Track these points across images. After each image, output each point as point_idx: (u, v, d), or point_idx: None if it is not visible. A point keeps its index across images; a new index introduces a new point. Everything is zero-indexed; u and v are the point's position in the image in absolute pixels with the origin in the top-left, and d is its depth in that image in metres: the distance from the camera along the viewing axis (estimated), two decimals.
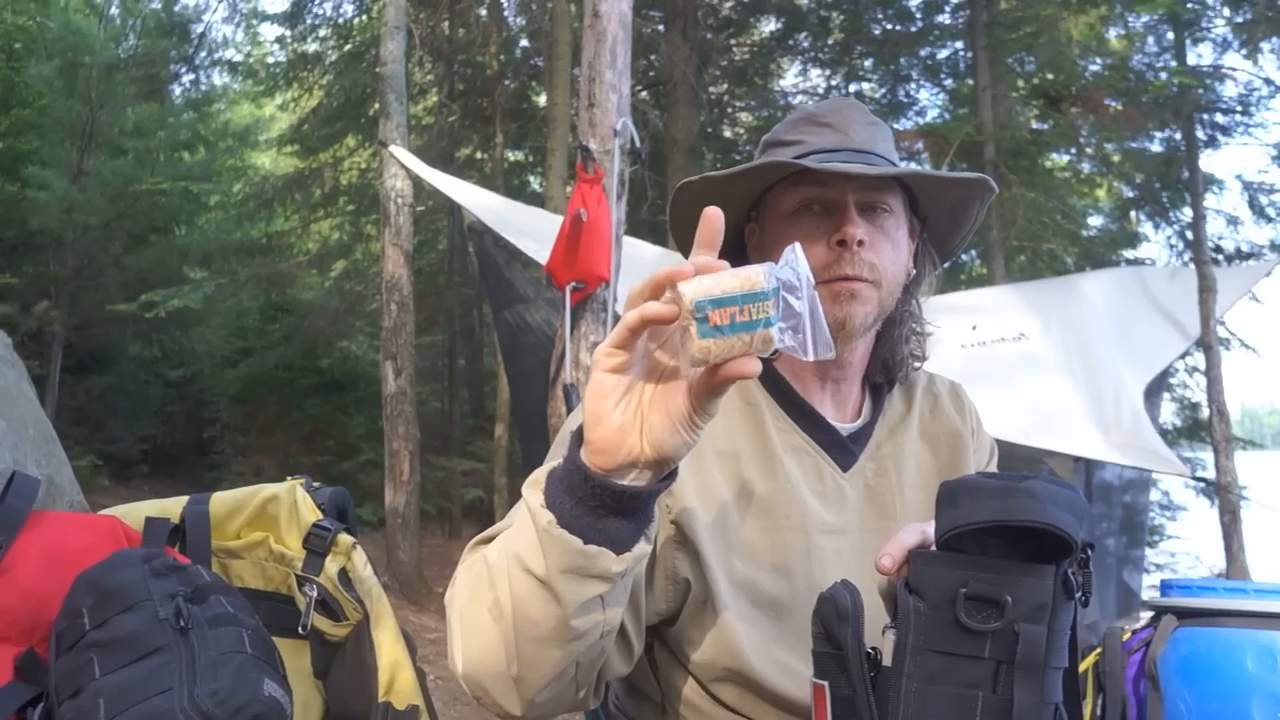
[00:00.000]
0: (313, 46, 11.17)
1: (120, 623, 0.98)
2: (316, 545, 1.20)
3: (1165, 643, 1.27)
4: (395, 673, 1.19)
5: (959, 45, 9.79)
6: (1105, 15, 8.53)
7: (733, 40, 10.86)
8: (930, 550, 0.81)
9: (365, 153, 11.04)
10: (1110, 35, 9.26)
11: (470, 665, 0.85)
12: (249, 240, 10.86)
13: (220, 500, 1.24)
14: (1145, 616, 1.39)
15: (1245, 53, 7.74)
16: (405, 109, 6.98)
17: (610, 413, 0.74)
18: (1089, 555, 0.78)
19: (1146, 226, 9.57)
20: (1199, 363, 7.51)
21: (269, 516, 1.23)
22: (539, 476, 0.83)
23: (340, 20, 11.06)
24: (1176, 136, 8.06)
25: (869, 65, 10.71)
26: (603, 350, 0.73)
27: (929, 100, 10.69)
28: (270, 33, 12.80)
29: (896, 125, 9.75)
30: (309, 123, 10.98)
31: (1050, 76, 8.68)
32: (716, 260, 0.71)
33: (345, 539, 1.21)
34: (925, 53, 10.06)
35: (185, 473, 10.96)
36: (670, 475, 0.78)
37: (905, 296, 1.14)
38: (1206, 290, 5.93)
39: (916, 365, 1.18)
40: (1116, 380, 5.13)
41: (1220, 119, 7.87)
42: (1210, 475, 6.65)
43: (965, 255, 9.40)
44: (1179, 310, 5.84)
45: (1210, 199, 8.23)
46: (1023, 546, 0.77)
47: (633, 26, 4.54)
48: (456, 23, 10.79)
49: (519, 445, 8.06)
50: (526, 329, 5.42)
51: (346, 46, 10.99)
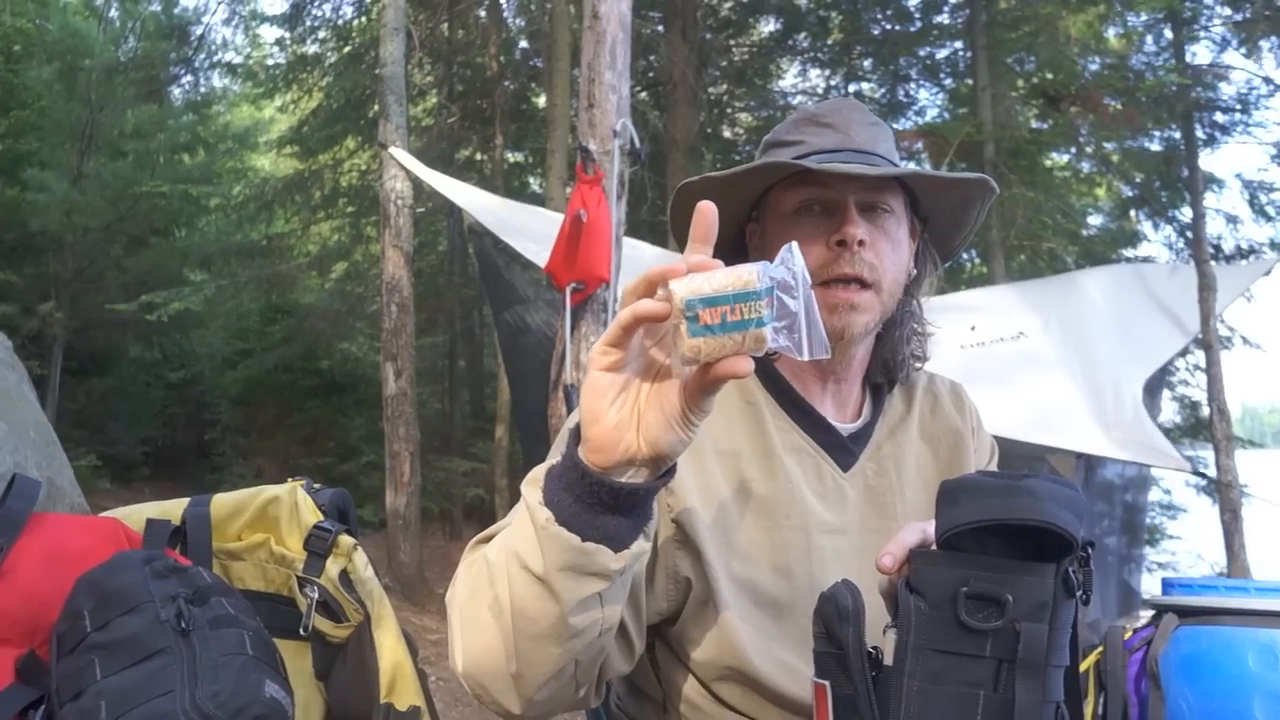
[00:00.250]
0: (312, 48, 11.17)
1: (121, 625, 0.98)
2: (317, 547, 1.20)
3: (1167, 641, 1.27)
4: (397, 674, 1.19)
5: (958, 45, 9.79)
6: (1104, 14, 8.53)
7: (732, 41, 10.86)
8: (931, 549, 0.81)
9: (365, 154, 11.04)
10: (1109, 34, 9.26)
11: (470, 663, 0.85)
12: (249, 242, 10.87)
13: (221, 502, 1.24)
14: (1146, 615, 1.39)
15: (1244, 51, 7.75)
16: (405, 110, 6.99)
17: (606, 411, 0.74)
18: (1089, 553, 0.78)
19: (1146, 226, 9.57)
20: (1199, 361, 7.51)
21: (270, 518, 1.23)
22: (537, 474, 0.83)
23: (339, 22, 11.06)
24: (1176, 135, 8.06)
25: (868, 65, 10.71)
26: (598, 349, 0.74)
27: (928, 100, 10.70)
28: (270, 35, 12.81)
29: (896, 125, 9.75)
30: (309, 124, 10.98)
31: (1049, 76, 8.68)
32: (710, 259, 0.71)
33: (346, 540, 1.21)
34: (924, 52, 10.06)
35: (186, 475, 10.97)
36: (668, 472, 0.78)
37: (906, 297, 1.14)
38: (1206, 289, 5.93)
39: (918, 366, 1.18)
40: (1116, 376, 5.13)
41: (1219, 118, 7.86)
42: (1211, 472, 6.64)
43: (965, 255, 9.40)
44: (1179, 305, 5.83)
45: (1210, 198, 8.24)
46: (1023, 545, 0.77)
47: (632, 27, 4.54)
48: (456, 24, 10.79)
49: (520, 446, 8.06)
50: (527, 330, 5.41)
51: (346, 48, 10.99)
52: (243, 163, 12.41)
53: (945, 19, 9.78)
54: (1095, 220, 10.85)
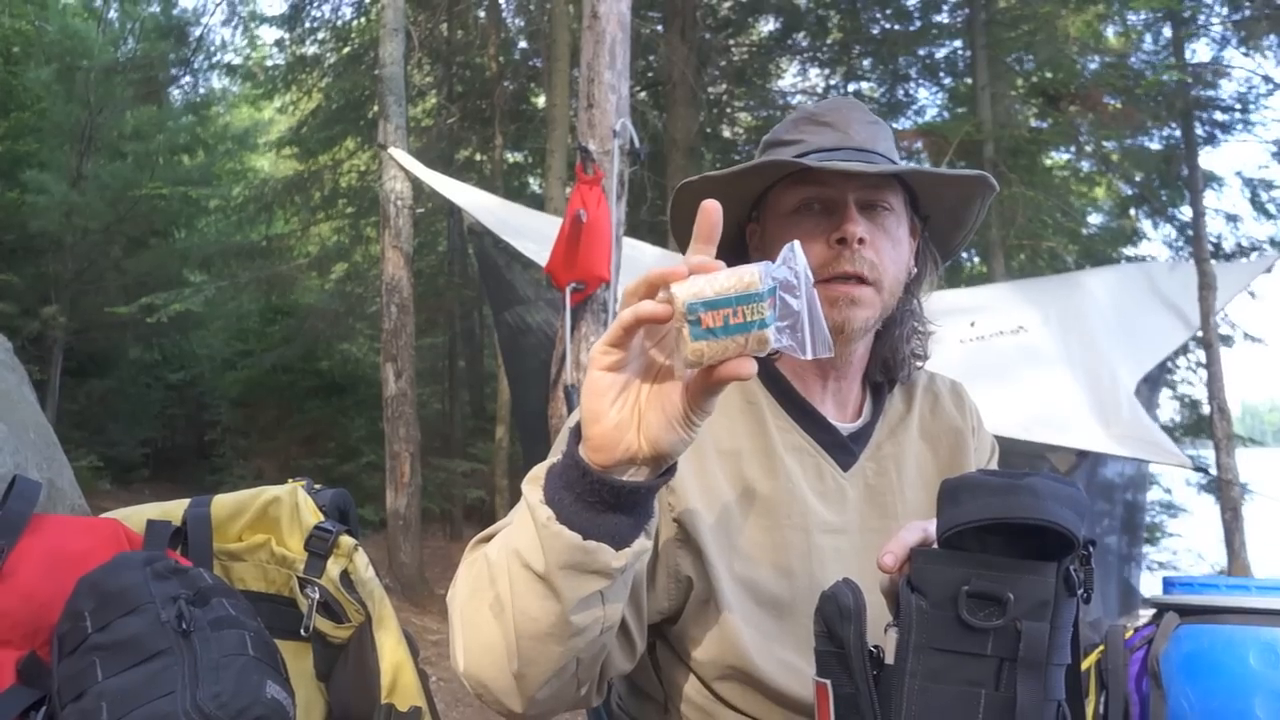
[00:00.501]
0: (311, 49, 11.17)
1: (122, 626, 0.98)
2: (318, 547, 1.20)
3: (1168, 640, 1.28)
4: (398, 674, 1.19)
5: (958, 44, 9.79)
6: (1103, 13, 8.54)
7: (731, 40, 10.86)
8: (932, 548, 0.81)
9: (364, 155, 11.04)
10: (1108, 33, 9.27)
11: (471, 662, 0.85)
12: (249, 243, 10.87)
13: (221, 503, 1.24)
14: (1147, 614, 1.39)
15: (1244, 50, 7.75)
16: (404, 111, 6.98)
17: (607, 410, 0.74)
18: (1090, 552, 0.78)
19: (1146, 224, 9.57)
20: (1199, 359, 7.52)
21: (270, 519, 1.23)
22: (538, 473, 0.83)
23: (339, 23, 11.05)
24: (1176, 134, 8.06)
25: (868, 65, 10.71)
26: (598, 348, 0.73)
27: (928, 99, 10.70)
28: (269, 35, 12.86)
29: (895, 124, 9.75)
30: (308, 125, 10.98)
31: (1049, 75, 8.68)
32: (712, 260, 0.71)
33: (347, 541, 1.21)
34: (924, 52, 10.06)
35: (186, 476, 10.97)
36: (669, 471, 0.78)
37: (906, 295, 1.14)
38: (1206, 288, 5.93)
39: (918, 365, 1.18)
40: (1117, 371, 5.12)
41: (1219, 116, 7.87)
42: (1212, 470, 6.64)
43: (965, 254, 9.39)
44: (1180, 300, 5.84)
45: (1210, 196, 8.24)
46: (1024, 544, 0.77)
47: (631, 27, 4.54)
48: (455, 24, 10.79)
49: (520, 446, 8.06)
50: (527, 330, 5.42)
51: (345, 49, 10.99)
52: (242, 164, 12.40)
53: (944, 18, 9.78)
54: (1095, 219, 10.85)
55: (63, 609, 1.02)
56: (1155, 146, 8.67)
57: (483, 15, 10.53)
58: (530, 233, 5.09)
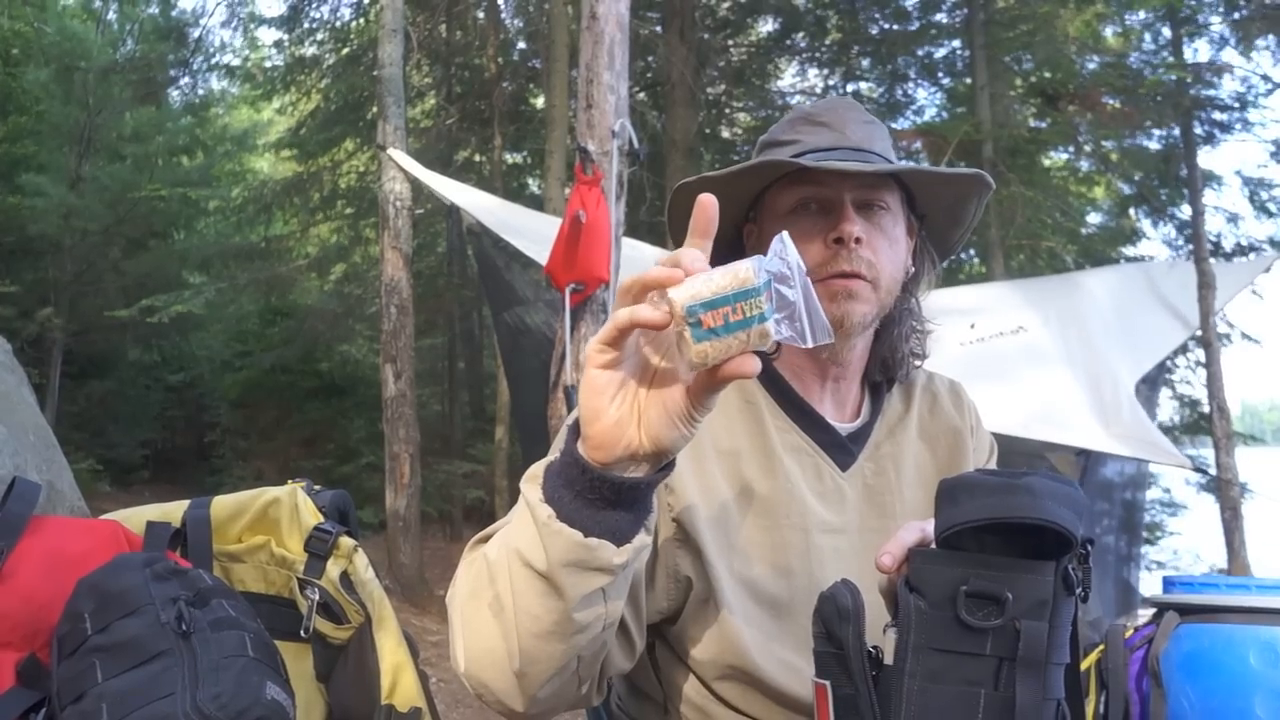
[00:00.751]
0: (310, 50, 11.17)
1: (122, 627, 0.98)
2: (318, 548, 1.20)
3: (1168, 639, 1.28)
4: (398, 675, 1.19)
5: (956, 44, 9.79)
6: (1102, 13, 8.54)
7: (730, 41, 10.86)
8: (930, 548, 0.81)
9: (364, 156, 11.04)
10: (1107, 33, 9.28)
11: (472, 662, 0.85)
12: (248, 244, 10.87)
13: (221, 504, 1.24)
14: (1147, 613, 1.39)
15: (1242, 49, 7.75)
16: (403, 112, 6.98)
17: (606, 408, 0.73)
18: (1089, 551, 0.78)
19: (1145, 224, 9.58)
20: (1199, 358, 7.52)
21: (270, 520, 1.23)
22: (536, 471, 0.83)
23: (338, 24, 11.05)
24: (1175, 133, 8.07)
25: (866, 65, 10.71)
26: (593, 346, 0.73)
27: (927, 99, 10.71)
28: (268, 36, 12.82)
29: (894, 125, 9.75)
30: (307, 126, 10.98)
31: (1048, 75, 8.69)
32: (701, 258, 0.70)
33: (347, 542, 1.21)
34: (923, 52, 10.06)
35: (186, 477, 10.97)
36: (668, 466, 0.78)
37: (904, 295, 1.14)
38: (1206, 287, 5.94)
39: (917, 364, 1.18)
40: (1116, 372, 5.13)
41: (1218, 115, 7.87)
42: (1212, 469, 6.65)
43: (964, 254, 9.40)
44: (1179, 300, 5.85)
45: (1209, 195, 8.25)
46: (1022, 543, 0.77)
47: (630, 28, 4.54)
48: (454, 25, 10.79)
49: (520, 447, 8.06)
50: (526, 331, 5.41)
51: (344, 50, 10.99)
52: (241, 165, 12.39)
53: (943, 18, 9.78)
54: (1094, 219, 10.85)
55: (62, 610, 1.02)
56: (1154, 146, 8.68)
57: (481, 16, 10.54)
58: (529, 232, 5.09)
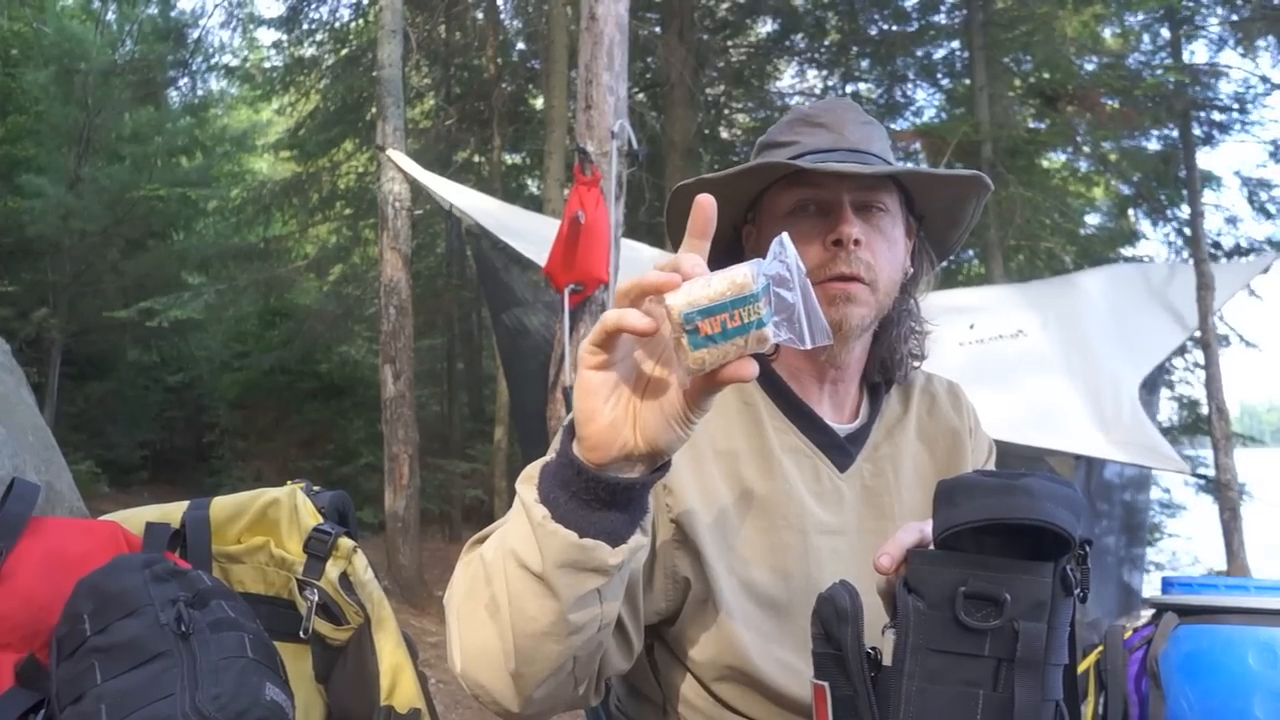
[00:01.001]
0: (309, 51, 11.17)
1: (121, 628, 0.98)
2: (317, 549, 1.19)
3: (1167, 640, 1.27)
4: (397, 676, 1.19)
5: (955, 45, 9.80)
6: (1101, 14, 8.55)
7: (729, 42, 10.87)
8: (929, 549, 0.81)
9: (363, 157, 11.04)
10: (1106, 34, 9.28)
11: (468, 662, 0.85)
12: (247, 245, 10.87)
13: (220, 505, 1.24)
14: (1146, 614, 1.39)
15: (1241, 50, 7.76)
16: (402, 113, 6.98)
17: (601, 409, 0.73)
18: (1087, 551, 0.78)
19: (1145, 225, 9.59)
20: (1198, 360, 7.52)
21: (269, 521, 1.23)
22: (532, 471, 0.82)
23: (337, 24, 11.06)
24: (1174, 134, 8.07)
25: (865, 66, 10.72)
26: (585, 348, 0.73)
27: (926, 100, 10.72)
28: (267, 37, 12.82)
29: (893, 125, 9.76)
30: (306, 127, 10.98)
31: (1047, 75, 8.69)
32: (699, 264, 0.70)
33: (346, 543, 1.21)
34: (922, 53, 10.07)
35: (185, 478, 10.97)
36: (663, 466, 0.78)
37: (903, 296, 1.14)
38: (1205, 288, 5.94)
39: (915, 365, 1.18)
40: (1116, 377, 5.13)
41: (1217, 116, 7.88)
42: (1210, 472, 6.65)
43: (964, 255, 9.41)
44: (1178, 302, 5.85)
45: (1208, 196, 8.25)
46: (1021, 544, 0.77)
47: (629, 28, 4.54)
48: (453, 26, 10.79)
49: (519, 448, 8.06)
50: (525, 332, 5.41)
51: (343, 50, 10.99)
52: (240, 165, 12.39)
53: (942, 19, 9.79)
54: (1093, 219, 10.87)
55: (61, 611, 1.02)
56: (1153, 147, 8.69)
57: (481, 17, 10.54)
58: (528, 234, 5.09)
